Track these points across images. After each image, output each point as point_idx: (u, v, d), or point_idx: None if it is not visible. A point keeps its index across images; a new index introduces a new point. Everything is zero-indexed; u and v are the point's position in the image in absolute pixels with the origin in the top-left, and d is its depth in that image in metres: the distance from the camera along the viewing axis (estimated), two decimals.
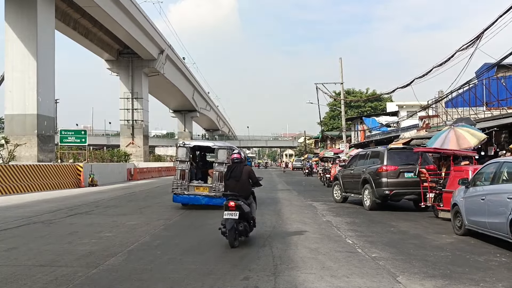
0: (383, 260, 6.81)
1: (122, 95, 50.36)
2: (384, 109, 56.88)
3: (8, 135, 26.19)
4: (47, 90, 29.24)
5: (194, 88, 72.55)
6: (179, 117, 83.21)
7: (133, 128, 50.50)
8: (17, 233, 9.20)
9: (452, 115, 24.78)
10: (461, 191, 9.15)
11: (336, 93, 54.93)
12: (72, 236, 8.77)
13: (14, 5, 28.09)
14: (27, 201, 15.95)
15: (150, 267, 6.34)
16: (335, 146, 51.78)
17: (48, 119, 29.18)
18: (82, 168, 24.94)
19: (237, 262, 6.63)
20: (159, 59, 50.22)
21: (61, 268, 6.19)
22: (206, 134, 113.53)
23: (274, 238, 8.68)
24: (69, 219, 11.47)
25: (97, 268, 6.21)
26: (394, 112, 42.68)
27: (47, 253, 7.17)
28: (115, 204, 15.48)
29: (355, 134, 48.36)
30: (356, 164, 15.70)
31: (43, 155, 27.89)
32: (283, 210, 13.54)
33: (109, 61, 49.82)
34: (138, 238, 8.61)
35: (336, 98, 50.76)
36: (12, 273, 5.93)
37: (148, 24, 44.82)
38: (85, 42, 42.62)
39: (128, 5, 38.70)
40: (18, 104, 27.91)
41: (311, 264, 6.54)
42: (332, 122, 71.74)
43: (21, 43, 27.93)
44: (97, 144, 73.73)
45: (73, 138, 29.48)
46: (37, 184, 20.85)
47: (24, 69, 27.89)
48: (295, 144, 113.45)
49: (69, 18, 36.73)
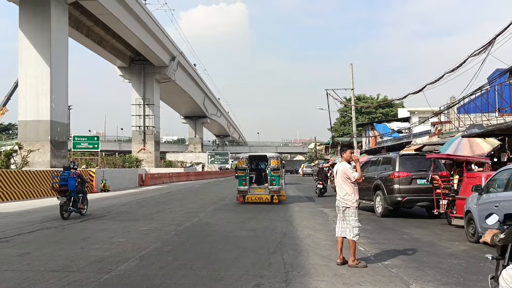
0: (396, 268, 6.75)
1: (134, 101, 50.76)
2: (395, 115, 56.58)
3: (21, 141, 26.46)
4: (61, 96, 29.52)
5: (204, 94, 72.87)
6: (190, 123, 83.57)
7: (144, 134, 50.82)
8: (30, 238, 9.28)
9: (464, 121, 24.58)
10: (474, 198, 9.06)
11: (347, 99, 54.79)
12: (85, 242, 8.83)
13: (28, 13, 28.47)
14: (40, 207, 16.10)
15: (162, 273, 6.36)
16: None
17: (61, 125, 29.45)
18: (94, 174, 25.13)
19: (248, 268, 6.62)
20: (171, 65, 50.57)
21: (74, 273, 6.22)
22: (217, 140, 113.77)
23: (285, 245, 8.65)
24: (81, 224, 11.55)
25: (109, 274, 6.24)
26: (406, 118, 42.40)
27: (60, 258, 7.22)
28: (126, 209, 15.57)
29: (366, 140, 48.12)
30: (367, 171, 15.62)
31: (56, 161, 28.12)
32: (294, 216, 13.50)
33: (122, 67, 50.28)
34: (150, 243, 8.63)
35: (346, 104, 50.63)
36: (26, 278, 5.98)
37: (160, 31, 45.19)
38: (98, 49, 43.05)
39: (140, 13, 39.07)
40: (32, 110, 28.21)
41: (323, 271, 6.51)
42: (343, 128, 71.48)
43: (35, 50, 28.25)
44: (109, 150, 74.26)
45: (85, 144, 29.77)
46: (50, 189, 21.02)
47: (38, 76, 28.19)
48: (305, 150, 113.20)
49: (82, 25, 37.14)
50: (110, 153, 66.06)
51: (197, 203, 18.40)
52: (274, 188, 17.41)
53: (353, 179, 6.86)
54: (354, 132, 41.53)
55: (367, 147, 43.78)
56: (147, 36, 42.56)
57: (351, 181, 6.90)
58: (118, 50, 46.14)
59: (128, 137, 78.72)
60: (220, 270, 6.49)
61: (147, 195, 23.31)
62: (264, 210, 15.12)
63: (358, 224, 6.87)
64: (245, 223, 11.84)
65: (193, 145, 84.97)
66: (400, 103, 58.09)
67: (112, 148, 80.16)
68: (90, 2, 31.89)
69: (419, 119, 34.58)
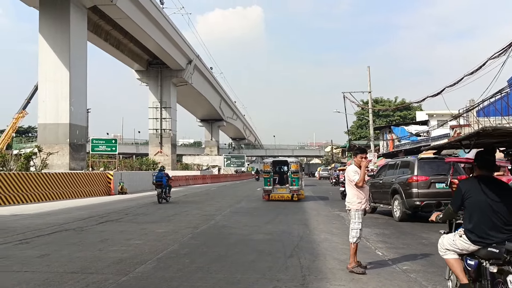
0: (414, 273, 6.67)
1: (151, 104, 51.23)
2: (413, 118, 56.09)
3: (41, 143, 26.90)
4: (79, 99, 29.96)
5: (221, 97, 73.16)
6: (206, 126, 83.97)
7: (161, 137, 51.23)
8: (50, 240, 9.40)
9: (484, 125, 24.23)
10: None
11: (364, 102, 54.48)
12: (103, 244, 8.91)
13: (48, 18, 28.96)
14: (59, 209, 16.31)
15: (179, 275, 6.38)
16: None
17: (80, 128, 29.87)
18: (112, 176, 25.38)
19: (265, 272, 6.60)
20: (187, 69, 50.91)
21: (92, 275, 6.28)
22: (233, 143, 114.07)
23: (302, 248, 8.62)
24: (99, 226, 11.66)
25: (127, 276, 6.28)
26: (424, 121, 41.99)
27: (78, 260, 7.30)
28: (144, 212, 15.67)
29: (384, 143, 47.76)
30: (385, 174, 15.48)
31: (74, 163, 28.51)
32: (310, 220, 13.44)
33: (139, 71, 50.82)
34: (167, 246, 8.67)
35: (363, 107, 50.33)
36: (45, 279, 6.06)
37: (177, 35, 45.55)
38: (116, 53, 43.58)
39: (158, 17, 39.44)
40: (51, 114, 28.67)
41: (340, 275, 6.46)
42: (360, 131, 71.12)
43: (55, 54, 28.73)
44: (127, 152, 74.98)
45: (104, 147, 30.13)
46: (68, 191, 21.31)
47: (57, 79, 28.66)
48: (321, 153, 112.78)
49: (100, 29, 37.65)
50: (128, 155, 66.72)
51: (214, 206, 18.45)
52: (294, 188, 20.74)
53: (353, 182, 6.84)
54: (371, 135, 41.24)
55: (385, 151, 43.43)
56: (164, 40, 42.93)
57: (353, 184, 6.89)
58: (136, 54, 46.64)
59: (145, 140, 79.40)
60: (237, 273, 6.49)
61: None
62: (280, 214, 15.09)
63: (357, 226, 6.78)
64: (261, 226, 11.83)
65: (209, 148, 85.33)
66: (418, 106, 57.62)
67: (130, 151, 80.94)
68: (109, 7, 32.32)
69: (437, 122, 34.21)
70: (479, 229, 4.34)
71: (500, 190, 4.42)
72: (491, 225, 4.30)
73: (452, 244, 4.68)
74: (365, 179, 6.95)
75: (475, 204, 4.42)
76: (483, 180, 4.49)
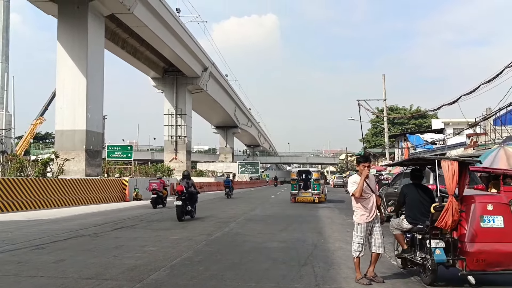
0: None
1: (167, 111, 51.55)
2: (429, 126, 55.58)
3: (58, 149, 27.21)
4: (96, 106, 30.29)
5: (236, 104, 73.37)
6: (221, 133, 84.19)
7: (176, 143, 51.48)
8: (65, 245, 9.50)
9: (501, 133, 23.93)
10: None
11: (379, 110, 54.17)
12: (117, 250, 8.97)
13: (66, 26, 29.40)
14: (75, 214, 16.47)
15: (193, 282, 6.39)
16: (378, 164, 50.84)
17: (97, 134, 30.17)
18: (127, 183, 25.58)
19: (279, 280, 6.59)
20: (203, 76, 51.20)
21: (107, 282, 6.33)
22: (247, 150, 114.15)
23: (316, 257, 8.57)
24: (114, 232, 11.74)
25: (141, 283, 6.31)
26: (440, 130, 41.60)
27: (93, 266, 7.36)
28: (158, 218, 15.75)
29: (399, 151, 47.39)
30: (400, 182, 15.34)
31: (90, 170, 28.78)
32: (325, 228, 13.37)
33: (155, 78, 51.23)
34: (181, 253, 8.70)
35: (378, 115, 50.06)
36: (60, 285, 6.12)
37: (192, 43, 45.88)
38: (132, 60, 44.03)
39: (174, 25, 39.79)
40: (68, 120, 29.01)
41: (355, 285, 6.41)
42: (375, 139, 70.71)
43: (72, 62, 29.12)
44: (142, 159, 75.51)
45: (119, 153, 30.40)
46: (84, 197, 21.52)
47: (75, 87, 29.01)
48: (336, 160, 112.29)
49: (117, 37, 38.09)
50: (143, 162, 67.20)
51: (228, 213, 18.46)
52: (315, 192, 25.38)
53: (350, 193, 6.80)
54: (387, 143, 40.97)
55: (400, 159, 43.09)
56: (180, 48, 43.27)
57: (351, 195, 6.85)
58: (152, 61, 47.06)
59: (160, 147, 79.93)
60: (251, 282, 6.48)
61: None
62: (295, 222, 15.04)
63: (358, 240, 6.70)
64: (275, 234, 11.80)
65: (224, 155, 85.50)
66: (434, 114, 57.09)
67: (145, 157, 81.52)
68: (126, 15, 32.70)
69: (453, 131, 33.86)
70: (413, 215, 6.94)
71: (424, 191, 7.16)
72: (419, 212, 6.87)
73: (398, 225, 7.21)
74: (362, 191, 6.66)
75: (411, 200, 7.05)
76: (415, 185, 7.24)
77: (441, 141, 35.89)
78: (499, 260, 6.11)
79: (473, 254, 6.16)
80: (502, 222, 6.26)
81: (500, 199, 6.70)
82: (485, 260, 6.15)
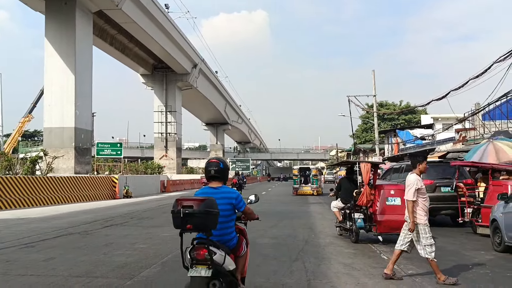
0: (420, 277, 6.64)
1: (156, 108, 51.27)
2: (418, 121, 55.89)
3: (46, 147, 26.95)
4: (85, 103, 30.02)
5: (226, 101, 73.18)
6: (211, 130, 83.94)
7: (166, 141, 51.24)
8: (55, 243, 9.43)
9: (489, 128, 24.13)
10: (500, 206, 8.87)
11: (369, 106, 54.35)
12: (108, 247, 8.92)
13: (54, 22, 29.09)
14: (64, 212, 16.36)
15: (184, 279, 6.29)
16: (367, 159, 51.07)
17: (85, 132, 29.92)
18: (117, 180, 25.43)
19: (269, 276, 6.59)
20: (193, 73, 50.96)
21: (97, 279, 6.29)
22: (238, 146, 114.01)
23: (307, 252, 8.60)
24: (104, 230, 11.68)
25: (132, 280, 6.28)
26: (429, 125, 41.81)
27: (83, 264, 7.31)
28: (149, 215, 15.70)
29: (389, 147, 47.61)
30: (390, 178, 15.42)
31: (80, 167, 28.56)
32: (316, 224, 13.43)
33: (144, 75, 50.88)
34: (172, 250, 8.67)
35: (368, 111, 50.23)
36: (50, 283, 6.07)
37: (182, 39, 45.62)
38: (121, 57, 43.69)
39: (163, 21, 39.53)
40: (57, 118, 28.73)
41: (346, 280, 6.43)
42: (365, 135, 70.94)
43: (60, 58, 28.82)
44: (132, 156, 75.10)
45: (109, 151, 30.24)
46: (74, 195, 21.37)
47: (63, 84, 28.72)
48: (327, 157, 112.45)
49: (106, 34, 37.77)
50: (133, 159, 66.83)
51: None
52: (314, 186, 30.54)
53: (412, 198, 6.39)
54: (376, 139, 41.17)
55: (390, 154, 43.31)
56: (170, 44, 43.02)
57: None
58: (141, 58, 46.75)
59: (150, 144, 79.49)
60: None
61: (169, 201, 23.43)
62: (286, 218, 15.08)
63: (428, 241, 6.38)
64: (266, 230, 11.80)
65: (215, 152, 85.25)
66: (423, 109, 57.42)
67: (135, 154, 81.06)
68: (114, 11, 32.41)
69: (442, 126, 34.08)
70: (346, 197, 10.44)
71: (352, 182, 10.79)
72: (349, 196, 10.25)
73: (336, 205, 10.76)
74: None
75: (345, 188, 10.69)
76: (348, 179, 11.00)
77: (431, 136, 36.10)
78: (397, 226, 7.95)
79: (382, 222, 9.43)
80: (400, 201, 9.30)
81: (400, 187, 9.50)
82: (389, 226, 9.28)
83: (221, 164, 4.56)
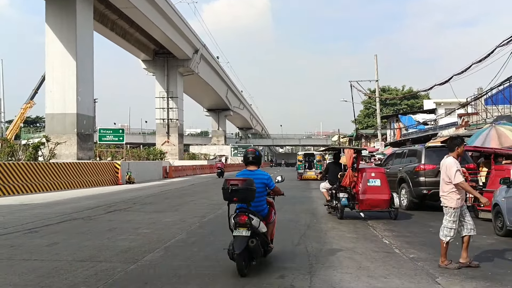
0: (422, 261, 6.67)
1: (158, 94, 51.15)
2: (421, 106, 55.67)
3: (49, 133, 26.96)
4: (86, 89, 29.95)
5: (227, 87, 72.98)
6: (213, 116, 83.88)
7: (168, 127, 51.21)
8: (58, 229, 9.49)
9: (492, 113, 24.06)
10: (502, 191, 8.87)
11: (371, 91, 54.15)
12: (111, 232, 8.98)
13: (54, 8, 28.90)
14: (67, 198, 16.44)
15: (187, 263, 6.42)
16: (370, 145, 51.06)
17: (87, 118, 29.91)
18: (119, 166, 25.51)
19: (272, 260, 6.63)
20: (194, 58, 50.71)
21: (101, 264, 6.34)
22: (240, 132, 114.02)
23: (309, 237, 8.64)
24: (107, 215, 11.75)
25: (136, 264, 6.33)
26: (432, 110, 41.66)
27: (87, 249, 7.36)
28: (151, 201, 15.77)
29: (391, 132, 47.56)
30: (392, 163, 15.44)
31: (82, 153, 28.61)
32: (318, 209, 13.47)
33: (146, 61, 50.67)
34: (175, 235, 8.73)
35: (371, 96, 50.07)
36: (54, 267, 6.12)
37: (183, 24, 45.33)
38: (122, 42, 43.45)
39: (164, 6, 39.25)
40: (59, 104, 28.70)
41: (347, 263, 6.47)
42: (367, 120, 70.78)
43: (61, 44, 28.69)
44: (134, 142, 75.17)
45: (111, 137, 30.28)
46: (76, 181, 21.45)
47: (64, 70, 28.64)
48: (329, 142, 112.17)
49: (106, 19, 37.52)
50: (135, 145, 66.92)
51: (221, 195, 18.41)
52: (318, 171, 30.83)
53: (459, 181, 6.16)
54: (379, 124, 41.11)
55: (392, 139, 43.28)
56: (171, 29, 42.76)
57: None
58: (142, 44, 46.51)
59: (152, 130, 79.57)
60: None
61: (171, 187, 23.55)
62: (288, 203, 15.11)
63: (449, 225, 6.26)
64: None
65: (216, 138, 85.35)
66: (426, 94, 57.16)
67: (137, 140, 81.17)
68: None
69: (445, 111, 33.99)
70: (332, 179, 11.99)
71: (338, 166, 12.44)
72: (335, 178, 11.87)
73: (324, 186, 12.30)
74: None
75: (331, 171, 12.26)
76: (334, 163, 12.64)
77: (433, 121, 36.04)
78: (377, 204, 10.91)
79: (364, 200, 11.00)
80: (380, 183, 11.05)
81: (380, 170, 11.95)
82: (370, 204, 11.01)
83: (257, 153, 6.41)
